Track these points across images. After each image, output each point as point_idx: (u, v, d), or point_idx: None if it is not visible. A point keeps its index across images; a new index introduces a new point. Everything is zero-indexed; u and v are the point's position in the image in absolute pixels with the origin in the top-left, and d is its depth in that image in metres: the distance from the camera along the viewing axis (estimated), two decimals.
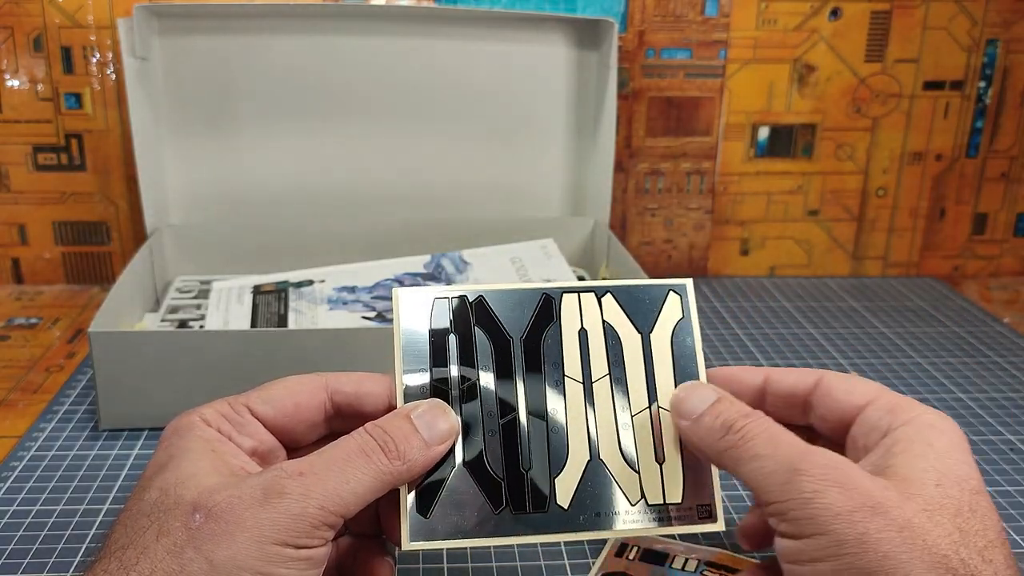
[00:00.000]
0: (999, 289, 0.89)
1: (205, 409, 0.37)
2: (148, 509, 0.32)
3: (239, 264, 0.77)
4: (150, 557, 0.31)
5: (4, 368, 0.68)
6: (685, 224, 0.88)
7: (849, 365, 0.70)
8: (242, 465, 0.35)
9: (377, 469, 0.33)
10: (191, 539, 0.31)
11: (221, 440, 0.35)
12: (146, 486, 0.34)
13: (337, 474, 0.32)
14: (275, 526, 0.31)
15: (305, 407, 0.38)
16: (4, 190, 0.82)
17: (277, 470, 0.33)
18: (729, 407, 0.35)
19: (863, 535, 0.29)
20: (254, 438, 0.37)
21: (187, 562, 0.30)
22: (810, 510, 0.30)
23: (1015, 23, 0.84)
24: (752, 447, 0.33)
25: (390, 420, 0.35)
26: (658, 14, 0.82)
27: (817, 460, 0.31)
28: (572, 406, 0.38)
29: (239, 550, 0.30)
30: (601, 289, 0.40)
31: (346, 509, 0.32)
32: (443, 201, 0.81)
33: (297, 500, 0.31)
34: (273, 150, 0.78)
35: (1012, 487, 0.54)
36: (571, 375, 0.38)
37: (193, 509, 0.31)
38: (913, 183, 0.89)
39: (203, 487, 0.32)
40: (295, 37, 0.76)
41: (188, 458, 0.34)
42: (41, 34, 0.78)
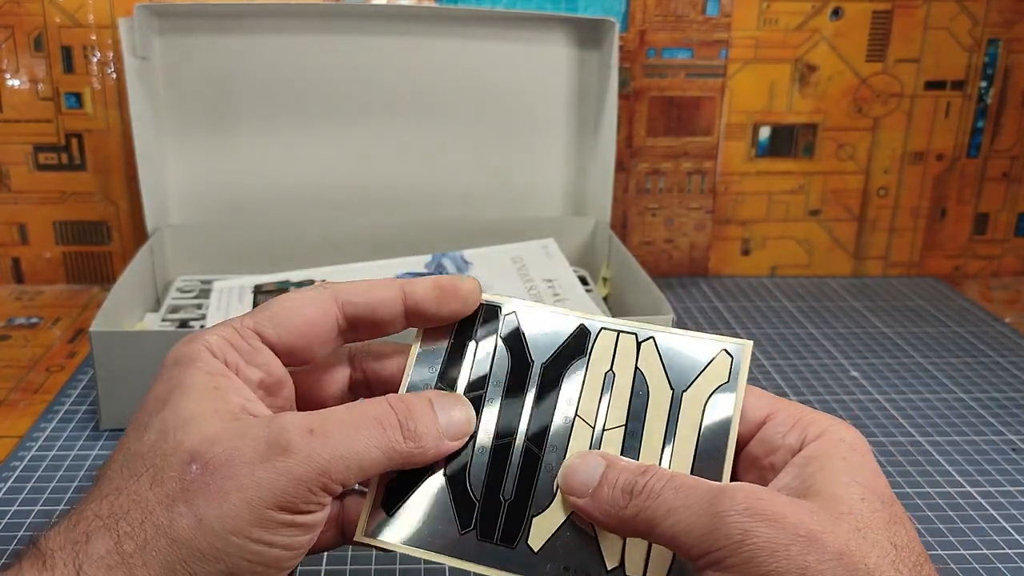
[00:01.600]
0: (1000, 289, 0.89)
1: (210, 335, 0.34)
2: (146, 451, 0.31)
3: (240, 264, 0.77)
4: (141, 507, 0.30)
5: (4, 368, 0.68)
6: (686, 224, 0.88)
7: (850, 365, 0.70)
8: (244, 404, 0.33)
9: (388, 445, 0.31)
10: (184, 492, 0.29)
11: (225, 375, 0.33)
12: (146, 424, 0.32)
13: (347, 440, 0.31)
14: (273, 487, 0.29)
15: (317, 324, 0.35)
16: (4, 190, 0.82)
17: (284, 421, 0.31)
18: (621, 469, 0.32)
19: (805, 569, 0.28)
20: (262, 368, 0.34)
21: (176, 516, 0.29)
22: (745, 552, 0.28)
23: (1016, 23, 0.84)
24: (662, 503, 0.30)
25: (413, 399, 0.33)
26: (659, 14, 0.82)
27: (736, 497, 0.29)
28: (575, 448, 0.34)
29: (230, 511, 0.29)
30: (644, 334, 0.36)
31: (348, 478, 0.31)
32: (444, 201, 0.81)
33: (300, 461, 0.30)
34: (274, 150, 0.78)
35: (1013, 487, 0.54)
36: (584, 416, 0.35)
37: (191, 458, 0.30)
38: (914, 183, 0.89)
39: (203, 434, 0.30)
40: (295, 37, 0.76)
41: (190, 396, 0.32)
42: (41, 33, 0.78)
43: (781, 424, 0.34)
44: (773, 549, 0.28)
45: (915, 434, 0.60)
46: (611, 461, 0.33)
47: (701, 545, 0.29)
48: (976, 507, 0.52)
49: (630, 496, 0.31)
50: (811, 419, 0.33)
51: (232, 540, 0.29)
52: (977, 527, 0.50)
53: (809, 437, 0.33)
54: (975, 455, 0.58)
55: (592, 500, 0.32)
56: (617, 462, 0.33)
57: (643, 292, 0.66)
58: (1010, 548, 0.49)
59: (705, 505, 0.29)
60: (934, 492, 0.53)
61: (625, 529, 0.32)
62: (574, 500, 0.33)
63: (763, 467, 0.34)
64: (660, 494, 0.31)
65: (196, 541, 0.29)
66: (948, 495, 0.53)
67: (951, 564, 0.47)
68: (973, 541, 0.49)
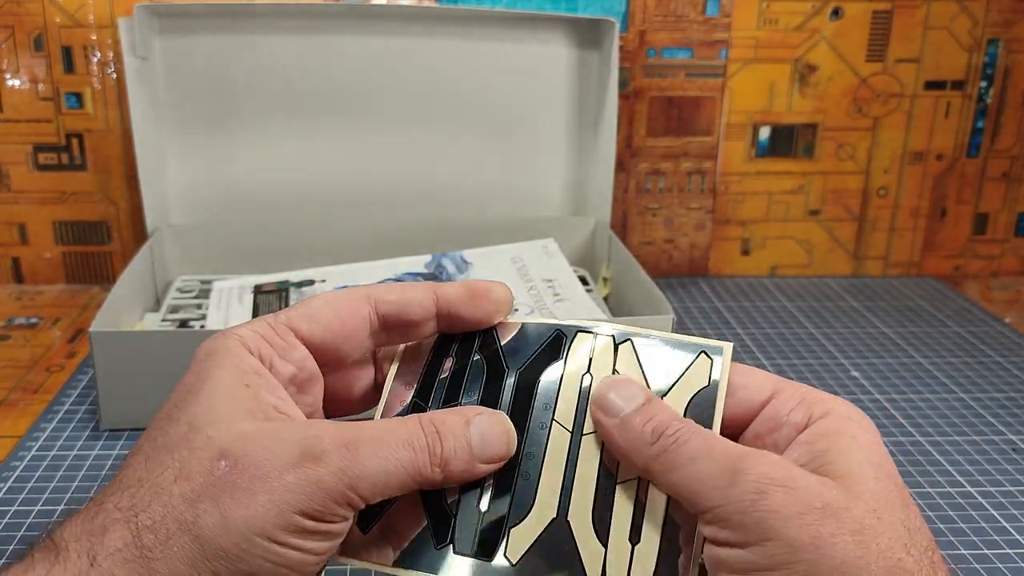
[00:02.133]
0: (1000, 289, 0.89)
1: (244, 329, 0.34)
2: (173, 444, 0.30)
3: (240, 264, 0.77)
4: (164, 501, 0.29)
5: (4, 368, 0.68)
6: (686, 224, 0.88)
7: (850, 365, 0.70)
8: (275, 404, 0.32)
9: (415, 468, 0.31)
10: (210, 488, 0.29)
11: (259, 371, 0.33)
12: (174, 416, 0.31)
13: (378, 458, 0.30)
14: (300, 493, 0.29)
15: (350, 321, 0.35)
16: (4, 190, 0.82)
17: (319, 430, 0.30)
18: (661, 410, 0.32)
19: (817, 539, 0.27)
20: (296, 364, 0.34)
21: (201, 513, 0.28)
22: (757, 513, 0.28)
23: (1016, 23, 0.84)
24: (687, 450, 0.30)
25: (447, 418, 0.32)
26: (659, 14, 0.82)
27: (758, 460, 0.29)
28: (552, 454, 0.33)
29: (257, 512, 0.28)
30: (622, 336, 0.35)
31: (373, 496, 0.30)
32: (444, 201, 0.81)
33: (331, 473, 0.29)
34: (273, 150, 0.78)
35: (1014, 487, 0.54)
36: (560, 421, 0.34)
37: (220, 455, 0.29)
38: (914, 183, 0.89)
39: (235, 432, 0.30)
40: (295, 37, 0.76)
41: (222, 392, 0.31)
42: (42, 33, 0.78)
43: (786, 402, 0.33)
44: (787, 515, 0.28)
45: (915, 434, 0.60)
46: (654, 398, 0.33)
47: (713, 497, 0.29)
48: (976, 507, 0.52)
49: (659, 436, 0.31)
50: (816, 398, 0.33)
51: (256, 541, 0.29)
52: (977, 527, 0.50)
53: (815, 415, 0.32)
54: (975, 455, 0.58)
55: (621, 425, 0.32)
56: (658, 401, 0.32)
57: (643, 292, 0.66)
58: (1010, 548, 0.49)
59: (728, 460, 0.29)
60: (934, 492, 0.53)
61: (640, 464, 0.31)
62: (600, 417, 0.32)
63: (766, 445, 0.33)
64: (688, 441, 0.30)
65: (220, 539, 0.28)
66: (948, 495, 0.53)
67: (951, 564, 0.47)
68: (973, 541, 0.49)
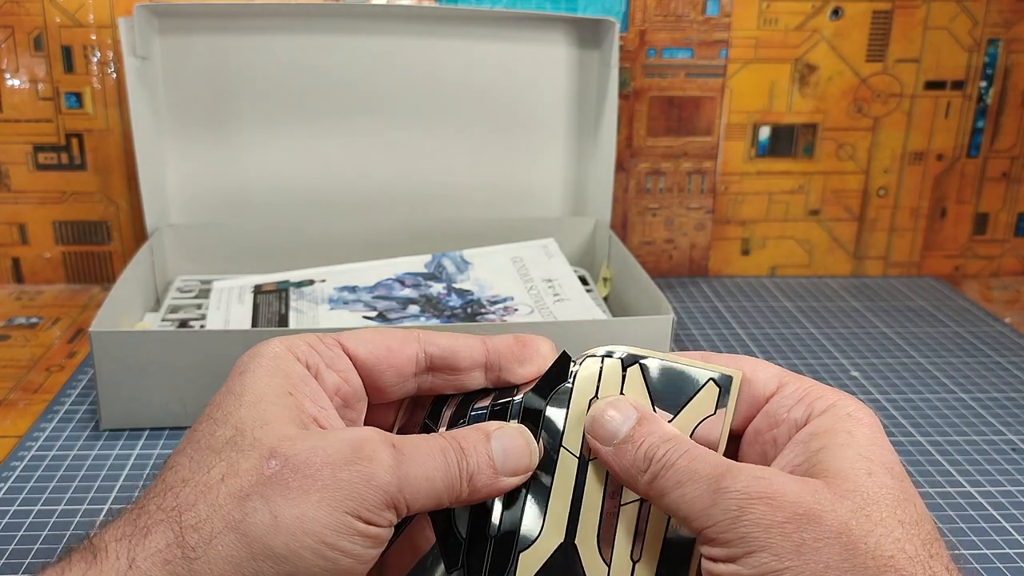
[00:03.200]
0: (1000, 289, 0.89)
1: (293, 337, 0.34)
2: (219, 446, 0.30)
3: (240, 264, 0.77)
4: (210, 500, 0.28)
5: (4, 368, 0.68)
6: (686, 224, 0.88)
7: (850, 365, 0.70)
8: (316, 415, 0.32)
9: (449, 480, 0.31)
10: (260, 486, 0.28)
11: (304, 379, 0.33)
12: (220, 419, 0.31)
13: (420, 464, 0.30)
14: (352, 491, 0.29)
15: (398, 352, 0.35)
16: (4, 189, 0.82)
17: (368, 431, 0.30)
18: (650, 432, 0.32)
19: (800, 546, 0.28)
20: (341, 375, 0.34)
21: (250, 511, 0.28)
22: (741, 528, 0.28)
23: (1016, 23, 0.84)
24: (673, 475, 0.30)
25: (469, 434, 0.32)
26: (659, 14, 0.82)
27: (738, 475, 0.29)
28: (560, 481, 0.33)
29: (309, 510, 0.28)
30: (630, 359, 0.34)
31: (416, 501, 0.30)
32: (444, 201, 0.81)
33: (385, 470, 0.29)
34: (274, 150, 0.78)
35: (1014, 487, 0.54)
36: (568, 447, 0.34)
37: (270, 454, 0.29)
38: (914, 183, 0.89)
39: (284, 434, 0.30)
40: (295, 37, 0.76)
41: (267, 398, 0.31)
42: (41, 33, 0.78)
43: (788, 398, 0.33)
44: (767, 526, 0.28)
45: (915, 434, 0.60)
46: (643, 416, 0.33)
47: (701, 519, 0.29)
48: (976, 507, 0.52)
49: (650, 462, 0.31)
50: (819, 393, 0.33)
51: (306, 541, 0.28)
52: (977, 527, 0.50)
53: (815, 411, 0.32)
54: (975, 455, 0.58)
55: (615, 453, 0.32)
56: (647, 420, 0.33)
57: (643, 292, 0.66)
58: (1010, 548, 0.49)
59: (709, 481, 0.30)
60: (934, 492, 0.53)
61: (639, 489, 0.32)
62: (596, 446, 0.33)
63: (765, 441, 0.33)
64: (674, 464, 0.31)
65: (269, 538, 0.28)
66: (948, 495, 0.53)
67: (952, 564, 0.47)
68: (973, 541, 0.49)
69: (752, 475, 0.29)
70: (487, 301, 0.69)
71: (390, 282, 0.72)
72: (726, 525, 0.29)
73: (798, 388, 0.33)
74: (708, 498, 0.29)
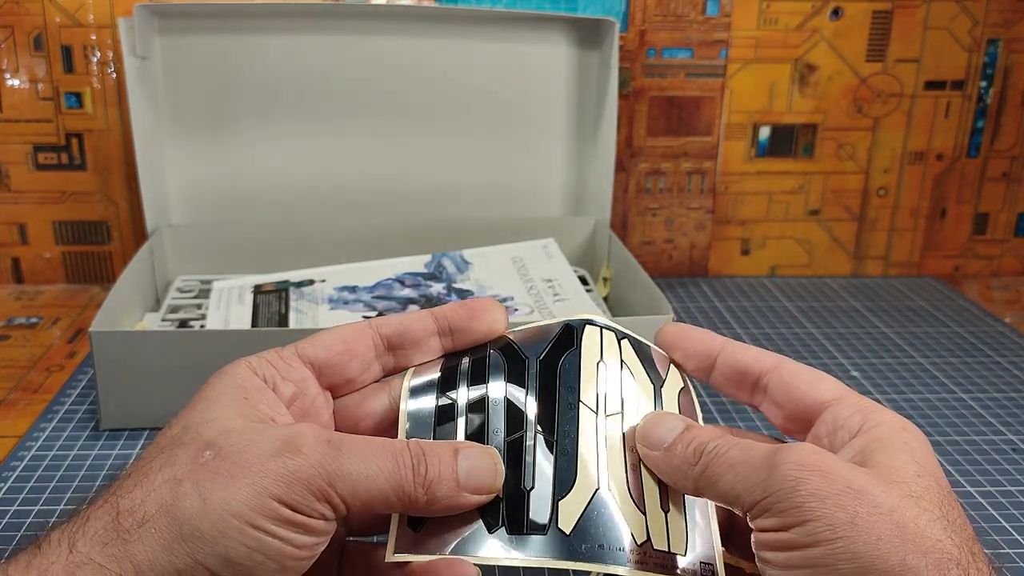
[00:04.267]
0: (1000, 289, 0.89)
1: (252, 357, 0.36)
2: (165, 443, 0.32)
3: (239, 264, 0.77)
4: (146, 485, 0.30)
5: (4, 368, 0.68)
6: (686, 224, 0.88)
7: (850, 365, 0.70)
8: (272, 416, 0.34)
9: (396, 481, 0.32)
10: (192, 472, 0.30)
11: (260, 389, 0.35)
12: (172, 423, 0.33)
13: (359, 461, 0.31)
14: (277, 480, 0.30)
15: (354, 342, 0.37)
16: (4, 189, 0.82)
17: (303, 427, 0.32)
18: (699, 433, 0.34)
19: (854, 517, 0.29)
20: (298, 385, 0.36)
21: (181, 496, 0.30)
22: (796, 498, 0.29)
23: (1016, 23, 0.84)
24: (725, 460, 0.32)
25: (435, 446, 0.33)
26: (659, 13, 0.82)
27: (790, 450, 0.31)
28: (584, 433, 0.35)
29: (235, 494, 0.29)
30: (621, 333, 0.38)
31: (352, 498, 0.31)
32: (443, 201, 0.81)
33: (310, 464, 0.30)
34: (274, 150, 0.78)
35: (1014, 487, 0.54)
36: (586, 402, 0.36)
37: (206, 446, 0.31)
38: (914, 183, 0.89)
39: (224, 428, 0.32)
40: (295, 37, 0.76)
41: (220, 401, 0.33)
42: (41, 33, 0.78)
43: (848, 407, 0.35)
44: (824, 496, 0.29)
45: None
46: (691, 424, 0.35)
47: (754, 493, 0.31)
48: (976, 507, 0.52)
49: (700, 455, 0.33)
50: (875, 409, 0.35)
51: (232, 523, 0.29)
52: (977, 527, 0.50)
53: (870, 423, 0.34)
54: (975, 455, 0.58)
55: (665, 455, 0.34)
56: (697, 426, 0.35)
57: (643, 292, 0.66)
58: (1010, 548, 0.49)
59: (763, 458, 0.31)
60: None
61: (689, 485, 0.34)
62: (646, 452, 0.35)
63: (823, 446, 0.35)
64: (727, 453, 0.32)
65: (197, 520, 0.29)
66: None
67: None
68: None
69: (806, 449, 0.31)
70: None
71: (390, 282, 0.72)
72: (782, 495, 0.30)
73: (855, 401, 0.36)
74: (763, 471, 0.31)
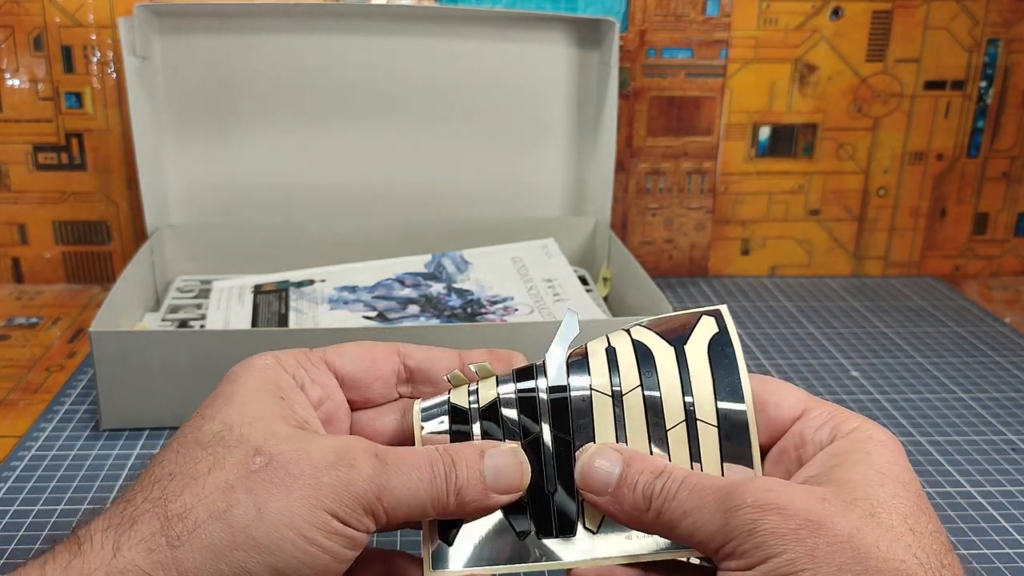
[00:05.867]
0: (1000, 289, 0.89)
1: (281, 352, 0.36)
2: (207, 440, 0.31)
3: (240, 264, 0.77)
4: (196, 490, 0.30)
5: (4, 368, 0.68)
6: (686, 224, 0.88)
7: (850, 365, 0.70)
8: (307, 419, 0.34)
9: (434, 492, 0.32)
10: (246, 480, 0.30)
11: (292, 388, 0.34)
12: (208, 416, 0.32)
13: (403, 474, 0.31)
14: (332, 493, 0.30)
15: (380, 362, 0.37)
16: (4, 189, 0.82)
17: (352, 440, 0.32)
18: (639, 471, 0.33)
19: (813, 550, 0.28)
20: (324, 390, 0.36)
21: (235, 503, 0.29)
22: (756, 539, 0.29)
23: (1016, 23, 0.84)
24: (678, 506, 0.31)
25: (462, 449, 0.33)
26: (659, 13, 0.82)
27: (746, 491, 0.30)
28: (601, 421, 0.35)
29: (290, 505, 0.29)
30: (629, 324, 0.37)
31: (395, 511, 0.31)
32: (443, 201, 0.81)
33: (364, 478, 0.30)
34: (274, 150, 0.78)
35: (1014, 487, 0.54)
36: (599, 388, 0.35)
37: (256, 451, 0.30)
38: (914, 183, 0.89)
39: (271, 432, 0.31)
40: (295, 37, 0.76)
41: (258, 400, 0.33)
42: (41, 33, 0.78)
43: (814, 420, 0.34)
44: (782, 533, 0.29)
45: (915, 434, 0.60)
46: (628, 460, 0.33)
47: (715, 540, 0.30)
48: (976, 507, 0.52)
49: (650, 500, 0.32)
50: (844, 417, 0.34)
51: (288, 534, 0.29)
52: (977, 527, 0.50)
53: (839, 434, 0.33)
54: (975, 455, 0.58)
55: (613, 500, 0.33)
56: (633, 460, 0.33)
57: (643, 292, 0.66)
58: (1010, 548, 0.49)
59: (717, 503, 0.30)
60: (934, 492, 0.53)
61: (647, 527, 0.33)
62: (593, 499, 0.34)
63: (790, 460, 0.34)
64: (676, 496, 0.32)
65: (252, 529, 0.29)
66: (948, 495, 0.53)
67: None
68: (973, 541, 0.49)
69: (760, 488, 0.30)
70: (487, 301, 0.69)
71: (390, 282, 0.72)
72: (742, 539, 0.29)
73: (824, 412, 0.34)
74: (719, 520, 0.30)
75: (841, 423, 0.34)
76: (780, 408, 0.35)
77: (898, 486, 0.31)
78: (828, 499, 0.30)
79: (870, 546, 0.28)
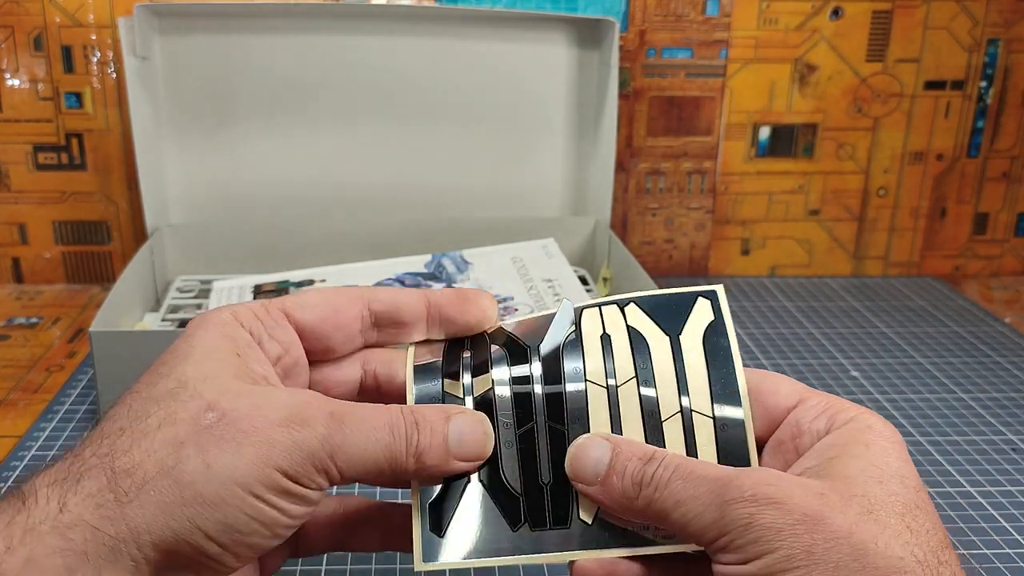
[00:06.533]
0: (1000, 289, 0.89)
1: (239, 307, 0.35)
2: (159, 396, 0.30)
3: (239, 264, 0.77)
4: (145, 445, 0.29)
5: (4, 368, 0.68)
6: (686, 224, 0.88)
7: (850, 365, 0.70)
8: (265, 375, 0.33)
9: (391, 453, 0.31)
10: (196, 436, 0.29)
11: (250, 344, 0.34)
12: (163, 372, 0.31)
13: (359, 433, 0.31)
14: (284, 451, 0.29)
15: (343, 313, 0.36)
16: (4, 189, 0.82)
17: (308, 396, 0.31)
18: (628, 457, 0.32)
19: (810, 547, 0.28)
20: (283, 344, 0.35)
21: (184, 459, 0.29)
22: (752, 533, 0.29)
23: (1016, 23, 0.84)
24: (670, 494, 0.31)
25: (428, 412, 0.33)
26: (659, 13, 0.82)
27: (744, 484, 0.30)
28: (595, 413, 0.35)
29: (240, 462, 0.29)
30: (624, 300, 0.37)
31: (349, 470, 0.31)
32: (443, 201, 0.81)
33: (316, 437, 0.30)
34: (274, 150, 0.78)
35: (1014, 487, 0.54)
36: (593, 380, 0.35)
37: (208, 407, 0.30)
38: (914, 183, 0.89)
39: (225, 388, 0.31)
40: (295, 37, 0.76)
41: (213, 356, 0.32)
42: (41, 33, 0.78)
43: (810, 410, 0.34)
44: (778, 529, 0.28)
45: (915, 434, 0.60)
46: (616, 447, 0.33)
47: (710, 533, 0.30)
48: (976, 507, 0.52)
49: (640, 487, 0.31)
50: (841, 407, 0.33)
51: (236, 491, 0.29)
52: (977, 527, 0.50)
53: (836, 424, 0.33)
54: (975, 455, 0.58)
55: (603, 489, 0.33)
56: (622, 448, 0.33)
57: None
58: (1010, 548, 0.49)
59: (713, 495, 0.30)
60: (934, 492, 0.54)
61: (637, 516, 0.32)
62: (583, 488, 0.33)
63: (788, 451, 0.34)
64: (668, 484, 0.31)
65: (200, 485, 0.29)
66: (948, 495, 0.53)
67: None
68: (973, 541, 0.49)
69: (758, 480, 0.30)
70: None
71: (390, 282, 0.72)
72: (738, 532, 0.29)
73: (820, 401, 0.34)
74: (715, 512, 0.30)
75: (838, 412, 0.33)
76: (776, 397, 0.35)
77: (896, 482, 0.30)
78: (826, 494, 0.29)
79: (867, 543, 0.28)
